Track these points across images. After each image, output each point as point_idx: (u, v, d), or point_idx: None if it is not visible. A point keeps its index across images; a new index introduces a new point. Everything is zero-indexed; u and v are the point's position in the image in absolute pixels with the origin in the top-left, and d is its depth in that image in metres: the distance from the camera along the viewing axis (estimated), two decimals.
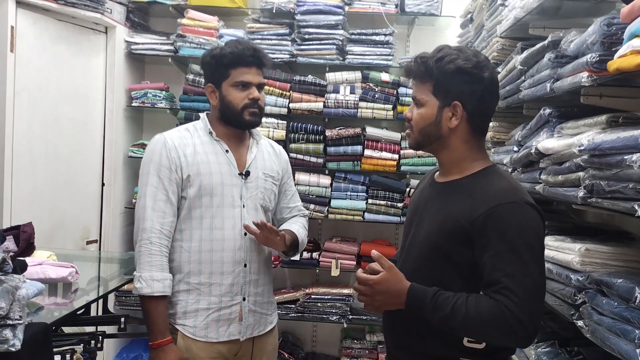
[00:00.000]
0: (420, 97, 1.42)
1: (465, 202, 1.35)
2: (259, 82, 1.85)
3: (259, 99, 1.84)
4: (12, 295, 1.34)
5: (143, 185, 1.80)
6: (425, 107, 1.42)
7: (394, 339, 1.51)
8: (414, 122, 1.45)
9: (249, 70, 1.82)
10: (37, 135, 2.91)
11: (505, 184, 1.38)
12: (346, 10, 3.38)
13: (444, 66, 1.37)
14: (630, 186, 1.26)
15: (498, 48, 2.43)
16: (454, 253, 1.35)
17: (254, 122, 1.86)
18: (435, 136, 1.43)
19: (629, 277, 1.37)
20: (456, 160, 1.44)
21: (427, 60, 1.40)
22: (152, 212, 1.76)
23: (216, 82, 1.84)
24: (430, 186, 1.53)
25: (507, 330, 1.24)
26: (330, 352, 3.76)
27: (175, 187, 1.79)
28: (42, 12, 2.90)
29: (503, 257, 1.26)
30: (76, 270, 2.01)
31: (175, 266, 1.82)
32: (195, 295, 1.81)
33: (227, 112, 1.84)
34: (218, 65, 1.82)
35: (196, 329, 1.80)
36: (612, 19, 1.41)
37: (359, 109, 3.38)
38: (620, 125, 1.46)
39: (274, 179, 1.96)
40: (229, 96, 1.82)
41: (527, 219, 1.31)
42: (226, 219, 1.81)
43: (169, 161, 1.78)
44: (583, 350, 1.78)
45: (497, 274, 1.26)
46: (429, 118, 1.42)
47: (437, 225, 1.39)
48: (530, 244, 1.28)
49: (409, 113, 1.47)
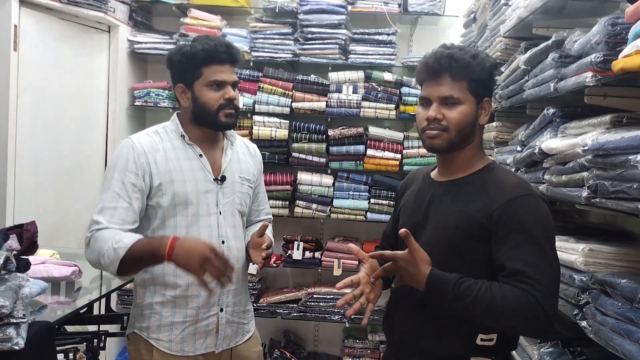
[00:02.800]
0: (456, 95, 1.38)
1: (478, 198, 1.37)
2: (233, 80, 1.72)
3: (235, 99, 1.72)
4: (15, 294, 1.35)
5: (105, 190, 1.64)
6: (464, 105, 1.39)
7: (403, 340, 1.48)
8: (452, 122, 1.39)
9: (223, 67, 1.69)
10: (40, 134, 2.91)
11: (514, 178, 1.42)
12: (349, 9, 3.37)
13: (481, 63, 1.39)
14: (634, 186, 1.26)
15: (501, 48, 2.42)
16: (466, 249, 1.36)
17: (230, 123, 1.74)
18: (469, 134, 1.42)
19: (632, 278, 1.37)
20: (468, 158, 1.45)
21: (462, 58, 1.38)
22: (110, 219, 1.60)
23: (187, 81, 1.71)
24: (430, 186, 1.51)
25: (531, 318, 1.24)
26: (332, 351, 3.76)
27: (139, 195, 1.65)
28: (45, 11, 2.90)
29: (524, 248, 1.28)
30: (79, 269, 2.01)
31: (147, 278, 1.71)
32: (171, 308, 1.70)
33: (201, 114, 1.71)
34: (188, 64, 1.68)
35: (172, 343, 1.70)
36: (617, 19, 1.41)
37: (362, 108, 3.38)
38: (624, 125, 1.45)
39: (250, 182, 1.86)
40: (202, 97, 1.69)
41: (542, 211, 1.34)
42: (202, 228, 1.71)
43: (135, 166, 1.65)
44: (586, 350, 1.77)
45: (519, 264, 1.27)
46: (469, 116, 1.40)
47: (449, 223, 1.39)
48: (548, 234, 1.31)
49: (437, 114, 1.39)
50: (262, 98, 3.43)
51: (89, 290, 2.05)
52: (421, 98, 1.45)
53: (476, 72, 1.38)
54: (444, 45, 1.43)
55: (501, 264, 1.30)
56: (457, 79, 1.38)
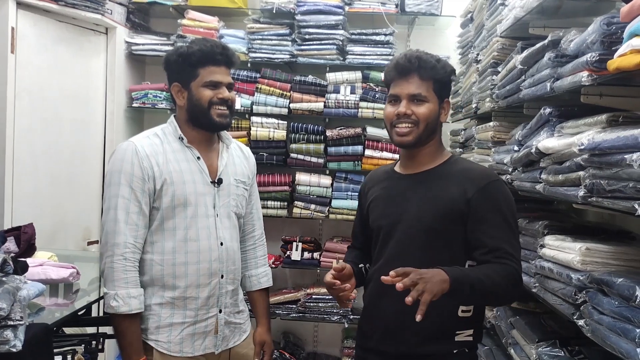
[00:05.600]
0: (424, 93, 1.55)
1: (452, 185, 1.54)
2: (228, 81, 1.75)
3: (229, 99, 1.74)
4: (13, 296, 1.35)
5: (113, 196, 1.66)
6: (430, 102, 1.56)
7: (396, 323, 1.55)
8: (421, 117, 1.55)
9: (219, 69, 1.73)
10: (38, 137, 2.91)
11: (480, 166, 1.67)
12: (346, 10, 3.38)
13: (444, 67, 1.58)
14: (630, 185, 1.26)
15: (498, 47, 2.42)
16: (445, 231, 1.53)
17: (224, 123, 1.76)
18: (433, 130, 1.60)
19: (629, 277, 1.37)
20: (432, 152, 1.62)
21: (428, 61, 1.55)
22: (125, 225, 1.64)
23: (183, 81, 1.74)
24: (399, 179, 1.65)
25: (516, 286, 1.47)
26: (331, 352, 3.76)
27: (147, 199, 1.68)
28: (42, 13, 2.90)
29: (500, 227, 1.49)
30: (77, 271, 2.01)
31: (146, 280, 1.71)
32: (169, 309, 1.71)
33: (195, 112, 1.74)
34: (185, 64, 1.72)
35: (170, 344, 1.71)
36: (612, 18, 1.41)
37: (360, 109, 3.38)
38: (620, 124, 1.45)
39: (245, 184, 1.88)
40: (197, 95, 1.72)
41: (509, 193, 1.56)
42: (201, 230, 1.73)
43: (141, 171, 1.67)
44: (584, 349, 1.78)
45: (497, 242, 1.47)
46: (434, 113, 1.57)
47: (429, 209, 1.54)
48: (514, 214, 1.54)
49: (407, 110, 1.55)
50: (260, 99, 3.43)
51: (87, 292, 2.05)
52: (390, 96, 1.60)
53: (440, 74, 1.57)
54: (412, 50, 1.62)
55: (480, 242, 1.49)
56: (424, 79, 1.55)
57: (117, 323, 1.66)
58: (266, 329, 1.95)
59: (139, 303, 1.66)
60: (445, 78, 1.58)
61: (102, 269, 1.68)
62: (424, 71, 1.54)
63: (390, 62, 1.61)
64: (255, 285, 1.97)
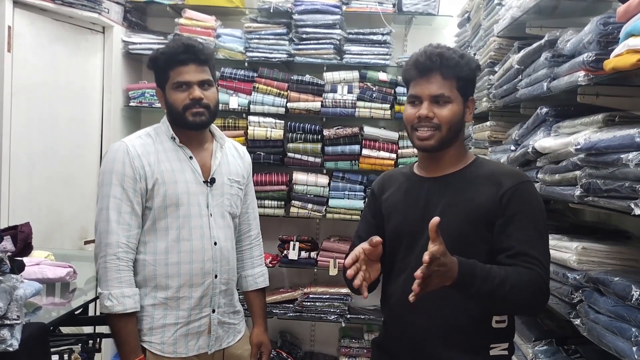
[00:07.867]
0: (447, 93, 1.41)
1: (483, 186, 1.42)
2: (199, 79, 1.70)
3: (202, 98, 1.70)
4: (9, 295, 1.35)
5: (105, 196, 1.66)
6: (453, 103, 1.43)
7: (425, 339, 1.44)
8: (443, 120, 1.41)
9: (186, 68, 1.69)
10: (35, 135, 2.90)
11: (509, 167, 1.58)
12: (343, 9, 3.38)
13: (468, 63, 1.43)
14: (626, 185, 1.26)
15: (495, 47, 2.43)
16: (477, 238, 1.40)
17: (199, 122, 1.72)
18: (457, 132, 1.46)
19: (625, 276, 1.37)
20: (457, 154, 1.50)
21: (451, 57, 1.41)
22: (117, 225, 1.64)
23: (161, 85, 1.74)
24: (421, 182, 1.51)
25: (540, 296, 1.34)
26: (328, 351, 3.76)
27: (139, 198, 1.68)
28: (39, 12, 2.90)
29: (529, 231, 1.36)
30: (74, 270, 2.01)
31: (139, 280, 1.71)
32: (162, 310, 1.71)
33: (172, 114, 1.73)
34: (156, 69, 1.73)
35: (164, 345, 1.70)
36: (609, 18, 1.41)
37: (357, 108, 3.38)
38: (616, 124, 1.46)
39: (240, 184, 1.86)
40: (170, 99, 1.71)
41: (540, 197, 1.46)
42: (194, 230, 1.72)
43: (132, 171, 1.66)
44: (580, 348, 1.78)
45: (525, 246, 1.34)
46: (458, 114, 1.44)
47: (459, 213, 1.40)
48: (544, 219, 1.42)
49: (429, 112, 1.41)
50: (257, 98, 3.43)
51: (84, 291, 2.05)
52: (410, 96, 1.46)
53: (465, 72, 1.43)
54: (433, 45, 1.45)
55: (507, 243, 1.36)
56: (447, 77, 1.41)
57: (113, 323, 1.66)
58: (263, 329, 1.94)
59: (134, 302, 1.66)
60: (470, 75, 1.45)
61: (97, 269, 1.68)
62: (447, 69, 1.40)
63: (410, 59, 1.47)
64: (251, 285, 1.96)
